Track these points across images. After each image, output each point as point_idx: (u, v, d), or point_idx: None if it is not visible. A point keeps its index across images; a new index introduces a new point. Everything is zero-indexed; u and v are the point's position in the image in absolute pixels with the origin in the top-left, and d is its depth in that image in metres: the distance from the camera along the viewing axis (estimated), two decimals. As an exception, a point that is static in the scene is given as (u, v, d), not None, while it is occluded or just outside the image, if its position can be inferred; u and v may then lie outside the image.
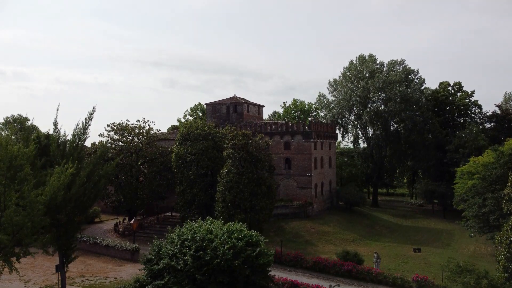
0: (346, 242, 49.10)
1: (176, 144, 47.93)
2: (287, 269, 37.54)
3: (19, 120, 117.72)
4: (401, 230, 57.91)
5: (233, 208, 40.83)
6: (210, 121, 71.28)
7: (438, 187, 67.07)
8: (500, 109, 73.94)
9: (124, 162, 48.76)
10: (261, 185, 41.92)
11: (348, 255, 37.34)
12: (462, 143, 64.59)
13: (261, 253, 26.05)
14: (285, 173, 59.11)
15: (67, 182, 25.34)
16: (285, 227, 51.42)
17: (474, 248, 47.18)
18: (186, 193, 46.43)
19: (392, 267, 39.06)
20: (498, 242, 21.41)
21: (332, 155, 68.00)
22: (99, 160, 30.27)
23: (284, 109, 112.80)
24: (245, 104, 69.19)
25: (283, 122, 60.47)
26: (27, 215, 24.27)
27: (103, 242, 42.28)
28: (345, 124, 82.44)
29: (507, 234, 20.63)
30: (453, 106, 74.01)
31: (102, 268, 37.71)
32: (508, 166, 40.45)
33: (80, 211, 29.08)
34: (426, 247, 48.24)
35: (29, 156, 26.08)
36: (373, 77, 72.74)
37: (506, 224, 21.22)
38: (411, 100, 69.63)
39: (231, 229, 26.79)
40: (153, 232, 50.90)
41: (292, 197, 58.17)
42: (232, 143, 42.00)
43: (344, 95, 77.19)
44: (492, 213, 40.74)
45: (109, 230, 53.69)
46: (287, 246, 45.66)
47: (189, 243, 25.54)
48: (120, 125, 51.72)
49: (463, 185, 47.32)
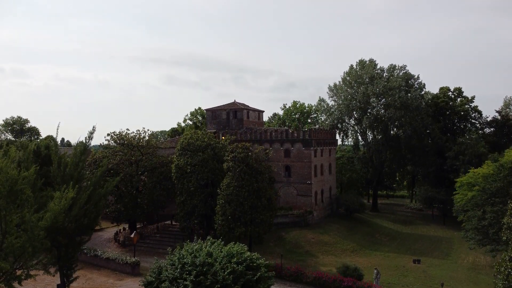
0: (346, 252, 49.26)
1: (176, 155, 47.93)
2: (287, 283, 37.71)
3: (18, 121, 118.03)
4: (400, 238, 58.04)
5: (233, 221, 40.90)
6: (210, 126, 71.34)
7: (438, 194, 67.17)
8: (500, 115, 73.91)
9: (124, 173, 48.78)
10: (261, 197, 41.98)
11: (348, 270, 37.46)
12: (462, 150, 64.61)
13: (262, 278, 26.19)
14: (285, 181, 59.18)
15: (67, 207, 25.39)
16: (285, 236, 51.54)
17: (473, 259, 47.31)
18: (186, 204, 46.47)
19: (392, 280, 39.26)
20: (497, 271, 21.47)
21: (332, 162, 68.05)
22: (99, 180, 30.29)
23: (284, 111, 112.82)
24: (245, 110, 69.17)
25: (283, 130, 60.45)
26: (28, 239, 24.38)
27: (104, 255, 42.38)
28: (345, 128, 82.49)
29: (505, 265, 20.68)
30: (453, 112, 73.92)
31: (102, 283, 37.85)
32: (508, 180, 40.48)
33: (81, 232, 29.14)
34: (426, 257, 48.38)
35: (30, 180, 26.15)
36: (373, 83, 72.66)
37: (505, 254, 21.26)
38: (411, 107, 69.58)
39: (232, 252, 26.86)
40: (153, 242, 51.16)
41: (292, 205, 58.26)
42: (232, 156, 42.00)
43: (344, 99, 77.07)
44: (492, 227, 40.84)
45: (109, 239, 53.84)
46: (287, 258, 45.82)
47: (189, 267, 25.61)
48: (120, 134, 51.72)
49: (462, 196, 47.33)
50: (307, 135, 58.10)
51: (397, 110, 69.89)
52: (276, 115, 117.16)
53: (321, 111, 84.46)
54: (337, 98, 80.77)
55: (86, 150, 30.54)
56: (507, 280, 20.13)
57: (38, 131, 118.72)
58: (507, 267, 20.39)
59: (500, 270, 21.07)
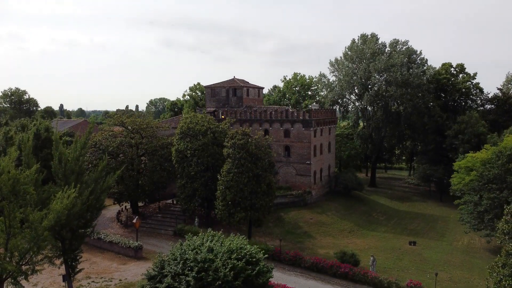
0: (344, 233, 50.40)
1: (176, 138, 47.98)
2: (286, 268, 38.72)
3: (17, 93, 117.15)
4: (397, 217, 59.20)
5: (233, 207, 41.55)
6: (210, 104, 70.91)
7: (436, 172, 67.85)
8: (501, 92, 73.33)
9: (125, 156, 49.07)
10: (261, 183, 42.39)
11: (345, 256, 38.43)
12: (461, 129, 64.62)
13: (261, 272, 27.01)
14: (284, 161, 59.57)
15: (70, 206, 25.75)
16: (284, 217, 52.52)
17: (468, 241, 48.46)
18: (186, 187, 47.05)
19: (388, 265, 40.39)
20: (489, 275, 22.11)
21: (331, 140, 68.19)
22: (100, 174, 30.52)
23: (284, 83, 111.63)
24: (244, 88, 68.52)
25: (283, 110, 60.15)
26: (32, 239, 24.92)
27: (107, 238, 43.34)
28: (345, 104, 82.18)
29: (498, 270, 21.29)
30: (454, 89, 73.23)
31: (106, 267, 38.95)
32: (506, 167, 40.82)
33: (84, 226, 29.68)
34: (422, 238, 49.58)
35: (31, 179, 26.38)
36: (375, 59, 71.60)
37: (499, 258, 21.80)
38: (412, 84, 68.97)
39: (232, 247, 27.53)
40: (155, 223, 52.08)
41: (291, 184, 58.98)
42: (232, 142, 42.06)
43: (345, 75, 76.33)
44: (488, 213, 41.62)
45: (111, 218, 54.83)
46: (286, 239, 46.97)
47: (191, 263, 26.33)
48: (120, 117, 51.57)
49: (460, 180, 47.89)
50: (307, 115, 57.88)
51: (398, 87, 69.37)
52: (276, 87, 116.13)
53: (322, 86, 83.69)
54: (338, 73, 79.97)
55: (86, 144, 30.55)
56: (499, 285, 20.77)
57: (37, 102, 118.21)
58: (499, 273, 20.98)
59: (492, 274, 21.70)
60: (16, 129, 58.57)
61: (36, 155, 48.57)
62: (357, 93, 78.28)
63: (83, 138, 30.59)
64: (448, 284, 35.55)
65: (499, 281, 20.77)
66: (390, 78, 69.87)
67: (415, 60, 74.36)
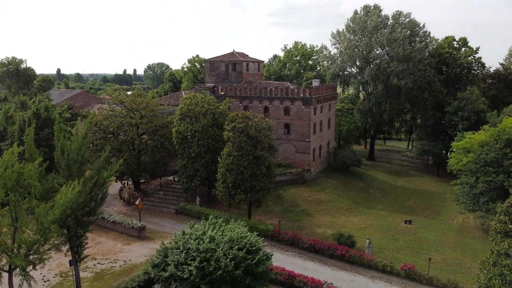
0: (341, 211, 51.56)
1: (176, 119, 48.06)
2: (284, 248, 39.96)
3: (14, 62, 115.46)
4: (394, 193, 60.29)
5: (233, 189, 42.26)
6: (209, 79, 70.36)
7: (434, 147, 68.41)
8: (503, 67, 72.57)
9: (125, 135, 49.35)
10: (261, 165, 42.91)
11: (342, 237, 39.62)
12: (461, 106, 64.54)
13: (260, 261, 28.04)
14: (284, 138, 59.91)
15: (74, 200, 26.33)
16: (283, 195, 53.53)
17: (462, 219, 49.63)
18: (187, 167, 47.69)
19: (383, 245, 41.67)
20: (480, 271, 23.03)
21: (331, 116, 68.22)
22: (103, 164, 30.92)
23: (284, 52, 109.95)
24: (244, 63, 67.78)
25: (283, 87, 59.75)
26: (39, 231, 25.69)
27: (110, 218, 44.38)
28: (346, 77, 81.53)
29: (488, 268, 22.16)
30: (456, 64, 72.35)
31: (111, 248, 40.18)
32: (503, 152, 41.22)
33: (88, 214, 30.39)
34: (417, 216, 50.80)
35: (35, 173, 26.81)
36: (377, 33, 70.32)
37: (491, 256, 22.60)
38: (414, 59, 68.16)
39: (233, 236, 28.40)
40: (157, 200, 53.09)
41: (290, 161, 59.67)
42: (232, 126, 42.19)
43: (347, 47, 75.28)
44: (483, 195, 42.46)
45: (114, 195, 55.80)
46: (285, 218, 48.19)
47: (193, 253, 27.28)
48: (120, 96, 51.37)
49: (457, 161, 48.45)
50: (308, 93, 57.62)
51: (400, 62, 68.63)
52: (276, 57, 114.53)
53: (323, 59, 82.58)
54: (340, 45, 78.82)
55: (88, 135, 30.71)
56: (488, 283, 21.69)
57: (34, 71, 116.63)
58: (489, 271, 21.86)
59: (482, 271, 22.60)
60: (16, 106, 58.39)
61: (37, 134, 48.91)
62: (359, 66, 77.49)
63: (84, 129, 30.69)
64: (441, 266, 36.86)
65: (489, 279, 21.66)
66: (391, 53, 69.00)
67: (418, 33, 73.13)
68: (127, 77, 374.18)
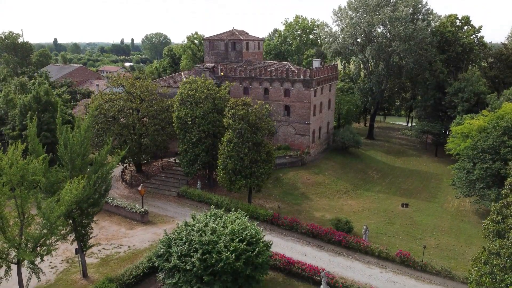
0: (339, 194, 52.52)
1: (176, 104, 48.14)
2: (283, 233, 41.05)
3: (10, 36, 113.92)
4: (392, 175, 61.14)
5: (234, 175, 42.97)
6: (208, 58, 69.77)
7: (433, 128, 68.77)
8: (505, 47, 71.82)
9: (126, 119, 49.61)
10: (261, 152, 43.42)
11: (339, 223, 40.60)
12: (462, 87, 64.39)
13: (260, 252, 29.06)
14: (284, 120, 60.12)
15: (79, 195, 26.98)
16: (283, 177, 54.33)
17: (458, 203, 50.61)
18: (188, 152, 48.17)
19: (380, 229, 42.79)
20: (472, 267, 23.94)
21: (331, 97, 68.13)
22: (105, 156, 31.39)
23: (285, 26, 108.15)
24: (244, 42, 67.05)
25: (284, 68, 59.41)
26: (45, 226, 26.48)
27: (114, 202, 45.28)
28: (348, 55, 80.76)
29: (479, 266, 23.05)
30: (458, 44, 71.50)
31: (115, 232, 41.27)
32: (501, 139, 41.65)
33: (93, 205, 31.11)
34: (414, 199, 51.83)
35: (40, 169, 27.31)
36: (379, 10, 69.14)
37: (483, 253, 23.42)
38: (416, 39, 67.36)
39: (234, 228, 29.27)
40: (159, 183, 53.86)
41: (290, 143, 60.15)
42: (232, 113, 42.37)
43: (349, 25, 74.22)
44: (479, 182, 43.23)
45: (116, 177, 56.46)
46: (284, 201, 49.16)
47: (196, 245, 28.24)
48: (120, 78, 51.22)
49: (455, 146, 48.97)
50: (308, 74, 57.35)
51: (401, 42, 67.89)
52: (277, 31, 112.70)
53: (324, 36, 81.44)
54: (341, 22, 77.64)
55: (90, 128, 31.00)
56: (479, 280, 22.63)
57: (31, 46, 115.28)
58: (480, 269, 22.77)
59: (474, 267, 23.51)
60: (15, 88, 58.13)
61: (38, 118, 49.08)
62: (360, 43, 76.62)
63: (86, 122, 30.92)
64: (435, 252, 38.05)
65: (480, 276, 22.59)
66: (393, 32, 68.13)
67: (420, 11, 71.96)
68: (124, 47, 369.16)
